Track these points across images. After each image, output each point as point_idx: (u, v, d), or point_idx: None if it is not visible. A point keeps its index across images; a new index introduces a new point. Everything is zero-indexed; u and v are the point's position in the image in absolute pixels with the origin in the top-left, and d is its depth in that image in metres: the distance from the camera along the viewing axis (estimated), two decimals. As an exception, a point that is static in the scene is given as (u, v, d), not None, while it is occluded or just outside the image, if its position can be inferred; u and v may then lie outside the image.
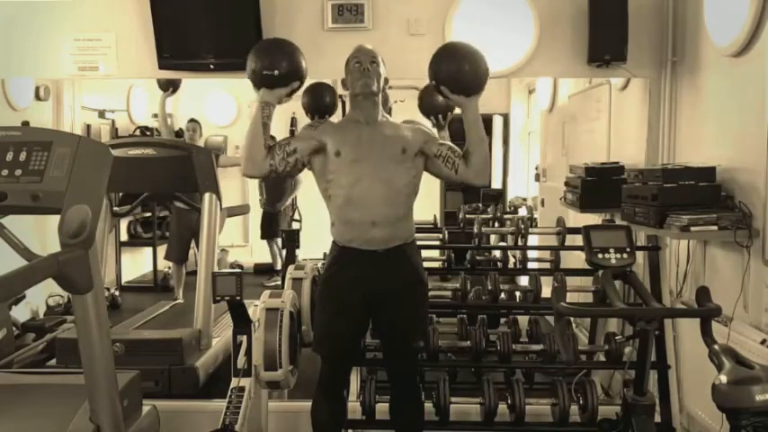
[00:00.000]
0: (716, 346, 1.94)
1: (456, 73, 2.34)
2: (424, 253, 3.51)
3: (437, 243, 3.67)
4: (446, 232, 3.63)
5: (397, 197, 2.42)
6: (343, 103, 4.13)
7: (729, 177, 2.69)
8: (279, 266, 6.82)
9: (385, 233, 2.41)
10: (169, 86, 5.66)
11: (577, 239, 3.14)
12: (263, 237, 6.93)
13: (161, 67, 3.40)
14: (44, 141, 1.87)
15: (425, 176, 2.52)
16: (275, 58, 2.38)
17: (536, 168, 6.06)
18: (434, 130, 2.83)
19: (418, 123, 2.59)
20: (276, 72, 2.36)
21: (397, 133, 2.47)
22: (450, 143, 2.56)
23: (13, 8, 3.45)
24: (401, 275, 2.47)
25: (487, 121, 7.65)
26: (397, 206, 2.43)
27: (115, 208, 5.01)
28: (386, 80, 2.52)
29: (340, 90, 3.10)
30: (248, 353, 2.67)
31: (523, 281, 4.11)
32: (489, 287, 3.33)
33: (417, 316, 2.58)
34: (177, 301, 5.18)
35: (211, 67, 3.43)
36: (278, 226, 6.76)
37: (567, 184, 3.81)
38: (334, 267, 2.49)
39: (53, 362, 3.67)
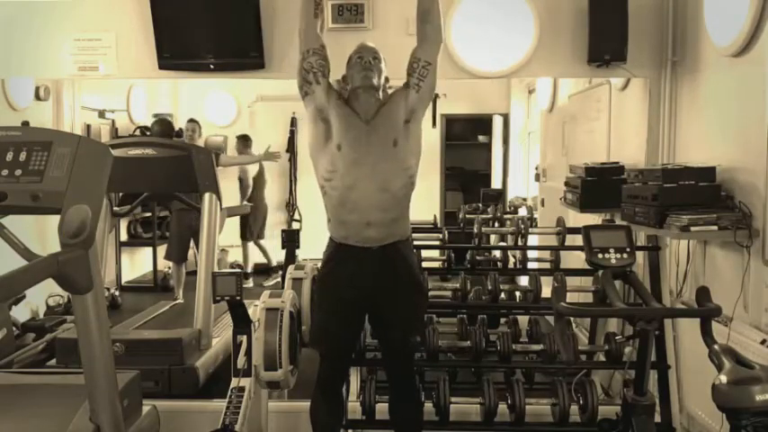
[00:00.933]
0: (716, 346, 1.94)
1: None
2: (425, 253, 3.53)
3: (437, 243, 3.67)
4: (446, 232, 3.63)
5: (392, 200, 2.43)
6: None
7: (729, 177, 2.69)
8: (249, 269, 6.83)
9: (380, 232, 2.42)
10: None
11: (577, 239, 3.14)
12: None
13: (161, 67, 3.41)
14: (44, 141, 1.87)
15: (425, 178, 2.51)
16: None
17: (536, 168, 6.05)
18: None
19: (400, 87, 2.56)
20: None
21: (390, 122, 2.45)
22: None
23: (13, 8, 3.44)
24: (397, 272, 2.47)
25: (487, 122, 7.68)
26: (392, 210, 2.44)
27: (115, 208, 5.00)
28: (386, 79, 2.54)
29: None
30: (248, 353, 2.67)
31: (523, 281, 4.11)
32: (489, 287, 3.33)
33: (414, 313, 2.59)
34: (177, 301, 5.17)
35: (211, 67, 3.43)
36: (244, 228, 6.77)
37: (567, 184, 3.81)
38: (331, 264, 2.50)
39: (53, 362, 3.67)
